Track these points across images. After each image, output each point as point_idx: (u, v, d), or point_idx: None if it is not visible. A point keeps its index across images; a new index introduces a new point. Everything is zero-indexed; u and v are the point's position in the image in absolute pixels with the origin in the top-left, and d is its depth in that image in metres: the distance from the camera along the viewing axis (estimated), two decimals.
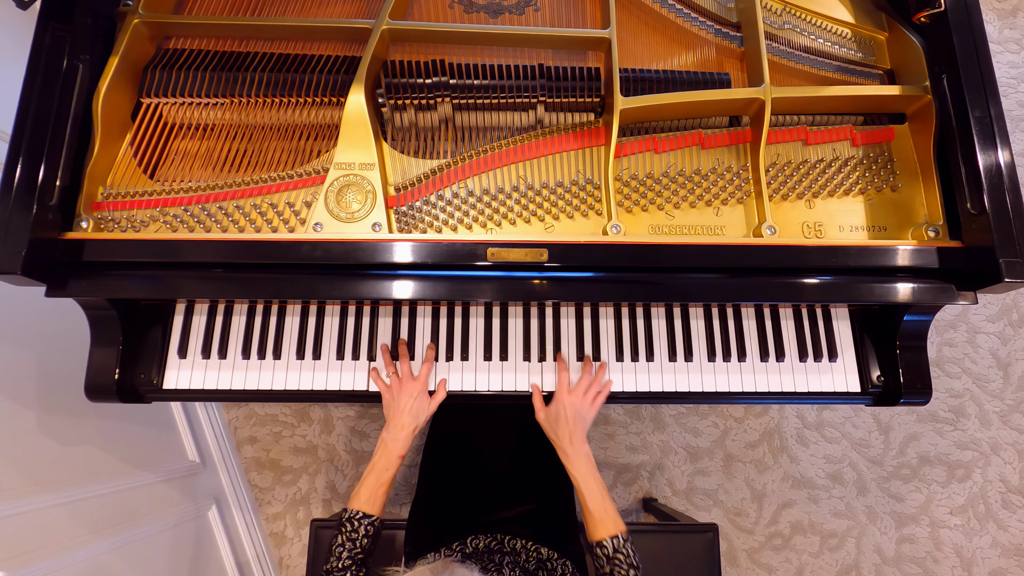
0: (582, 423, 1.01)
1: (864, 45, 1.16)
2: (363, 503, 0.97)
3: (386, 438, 1.02)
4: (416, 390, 1.03)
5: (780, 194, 1.06)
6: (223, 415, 1.87)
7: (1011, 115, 2.07)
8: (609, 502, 0.96)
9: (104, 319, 1.03)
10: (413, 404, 1.02)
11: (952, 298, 0.98)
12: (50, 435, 1.20)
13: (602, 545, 0.92)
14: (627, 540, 0.92)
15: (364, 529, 0.95)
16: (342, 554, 0.93)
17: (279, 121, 1.07)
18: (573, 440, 0.99)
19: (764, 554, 1.87)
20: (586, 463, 0.99)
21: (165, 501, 1.52)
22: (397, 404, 1.02)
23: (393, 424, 1.02)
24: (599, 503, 0.95)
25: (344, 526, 0.95)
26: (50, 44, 0.94)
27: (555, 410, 1.02)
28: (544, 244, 0.97)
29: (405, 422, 1.01)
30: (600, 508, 0.95)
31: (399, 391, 1.03)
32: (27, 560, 1.07)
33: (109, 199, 1.00)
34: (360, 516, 0.96)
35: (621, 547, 0.92)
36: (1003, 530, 1.86)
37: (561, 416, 1.01)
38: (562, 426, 1.00)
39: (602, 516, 0.94)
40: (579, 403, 1.02)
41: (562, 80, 1.06)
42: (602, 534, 0.93)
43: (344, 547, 0.94)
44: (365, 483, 0.99)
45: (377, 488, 0.98)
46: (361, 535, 0.94)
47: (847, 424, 1.92)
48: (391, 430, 1.02)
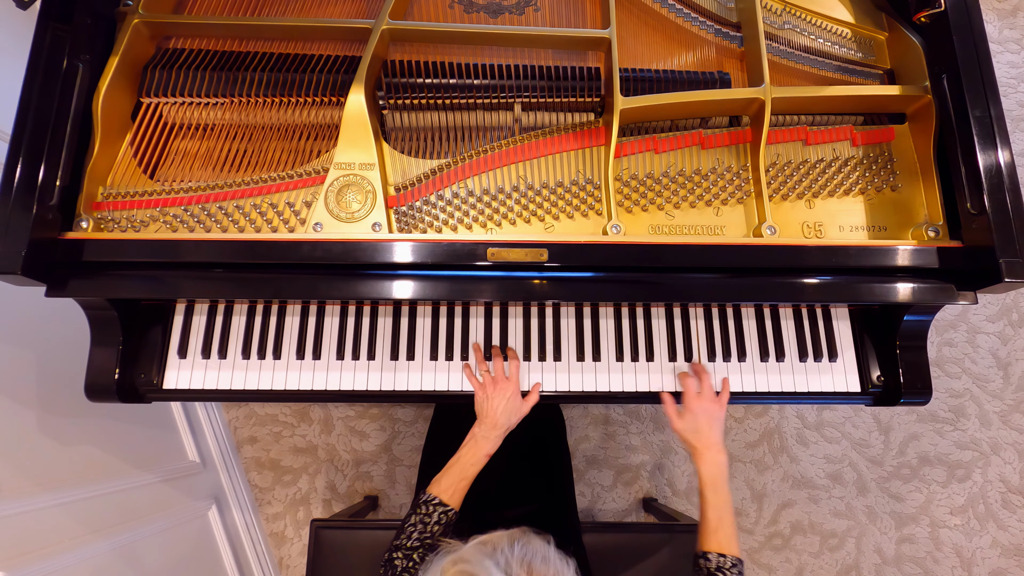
0: (718, 426, 1.01)
1: (864, 45, 1.16)
2: (442, 491, 0.96)
3: (477, 434, 1.01)
4: (510, 390, 1.03)
5: (780, 194, 1.06)
6: (223, 415, 1.87)
7: (1011, 115, 2.07)
8: (731, 519, 0.94)
9: (104, 319, 1.03)
10: (507, 404, 1.02)
11: (952, 298, 0.98)
12: (50, 435, 1.20)
13: (707, 557, 0.90)
14: (735, 566, 0.89)
15: (438, 516, 0.94)
16: (412, 534, 0.93)
17: (279, 121, 1.07)
18: (711, 447, 0.99)
19: (764, 554, 1.87)
20: (720, 471, 0.97)
21: (165, 501, 1.52)
22: (492, 404, 1.02)
23: (486, 423, 1.01)
24: (719, 514, 0.93)
25: (420, 508, 0.95)
26: (50, 44, 0.94)
27: (691, 419, 1.01)
28: (544, 244, 0.97)
29: (499, 422, 1.01)
30: (717, 519, 0.93)
31: (493, 391, 1.03)
32: (27, 560, 1.07)
33: (109, 199, 1.00)
34: (437, 502, 0.95)
35: (726, 568, 0.88)
36: (1003, 530, 1.86)
37: (697, 424, 1.00)
38: (701, 434, 1.00)
39: (716, 528, 0.92)
40: (710, 407, 1.02)
41: (562, 80, 1.06)
42: (712, 547, 0.90)
43: (416, 528, 0.93)
44: (448, 473, 0.98)
45: (459, 481, 0.98)
46: (434, 520, 0.94)
47: (847, 424, 1.92)
48: (483, 428, 1.01)
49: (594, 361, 1.10)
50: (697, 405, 1.02)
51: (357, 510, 1.72)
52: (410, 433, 1.88)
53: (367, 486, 1.87)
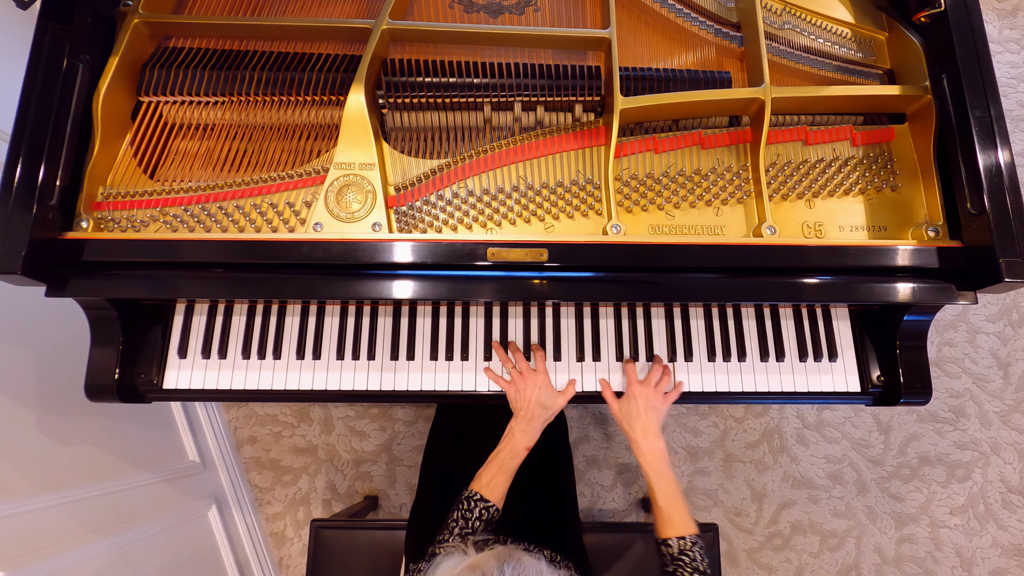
0: (656, 415, 1.01)
1: (864, 45, 1.16)
2: (483, 487, 0.97)
3: (515, 428, 1.01)
4: (539, 381, 1.03)
5: (780, 194, 1.06)
6: (223, 415, 1.87)
7: (1011, 115, 2.07)
8: (681, 501, 0.94)
9: (104, 319, 1.03)
10: (539, 394, 1.02)
11: (952, 298, 0.98)
12: (50, 435, 1.20)
13: (667, 543, 0.91)
14: (696, 543, 0.90)
15: (479, 512, 0.94)
16: (454, 529, 0.93)
17: (279, 121, 1.07)
18: (647, 433, 0.99)
19: (764, 554, 1.87)
20: (659, 458, 0.97)
21: (165, 501, 1.52)
22: (525, 396, 1.02)
23: (523, 415, 1.02)
24: (669, 500, 0.94)
25: (462, 503, 0.95)
26: (50, 44, 0.94)
27: (627, 403, 1.02)
28: (544, 244, 0.97)
29: (535, 413, 1.01)
30: (669, 505, 0.93)
31: (523, 384, 1.03)
32: (27, 560, 1.07)
33: (109, 199, 1.00)
34: (478, 498, 0.95)
35: (688, 549, 0.89)
36: (1003, 530, 1.86)
37: (634, 408, 1.01)
38: (635, 418, 1.00)
39: (671, 514, 0.92)
40: (650, 394, 1.02)
41: (562, 79, 1.06)
42: (669, 533, 0.91)
43: (457, 524, 0.93)
44: (488, 467, 0.99)
45: (499, 474, 0.98)
46: (475, 516, 0.94)
47: (847, 424, 1.92)
48: (520, 421, 1.01)
49: (594, 361, 1.10)
50: (638, 390, 1.02)
51: (357, 510, 1.72)
52: (410, 433, 1.88)
53: (367, 486, 1.87)
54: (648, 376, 1.05)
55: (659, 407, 1.02)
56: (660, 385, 1.04)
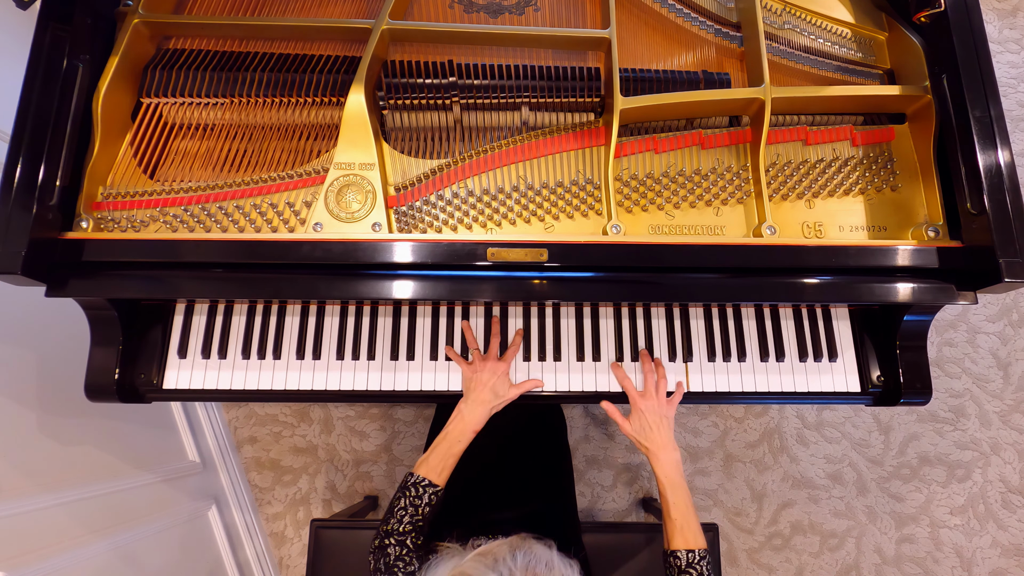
0: (667, 424, 1.00)
1: (864, 45, 1.16)
2: (430, 470, 0.96)
3: (463, 409, 1.01)
4: (500, 369, 1.03)
5: (780, 194, 1.06)
6: (223, 415, 1.87)
7: (1011, 115, 2.07)
8: (693, 514, 0.94)
9: (104, 319, 1.03)
10: (495, 381, 1.02)
11: (952, 298, 0.98)
12: (50, 435, 1.20)
13: (676, 555, 0.90)
14: (704, 558, 0.90)
15: (428, 497, 0.94)
16: (403, 517, 0.92)
17: (279, 121, 1.07)
18: (664, 446, 0.98)
19: (764, 554, 1.87)
20: (675, 469, 0.97)
21: (165, 501, 1.52)
22: (479, 378, 1.02)
23: (471, 398, 1.01)
24: (682, 512, 0.93)
25: (408, 490, 0.94)
26: (50, 44, 0.94)
27: (638, 421, 1.01)
28: (544, 244, 0.97)
29: (485, 398, 1.01)
30: (682, 517, 0.93)
31: (481, 367, 1.03)
32: (27, 560, 1.07)
33: (109, 199, 1.00)
34: (426, 483, 0.94)
35: (695, 563, 0.89)
36: (1003, 530, 1.86)
37: (645, 424, 1.00)
38: (651, 434, 0.99)
39: (682, 526, 0.92)
40: (655, 405, 1.01)
41: (562, 80, 1.06)
42: (679, 545, 0.91)
43: (407, 511, 0.92)
44: (436, 451, 0.98)
45: (447, 458, 0.97)
46: (424, 503, 0.93)
47: (847, 424, 1.92)
48: (469, 403, 1.01)
49: (594, 361, 1.10)
50: (643, 404, 1.02)
51: (357, 510, 1.72)
52: (410, 433, 1.88)
53: (367, 486, 1.87)
54: (646, 386, 1.04)
55: (668, 414, 1.02)
56: (661, 391, 1.04)
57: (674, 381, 1.09)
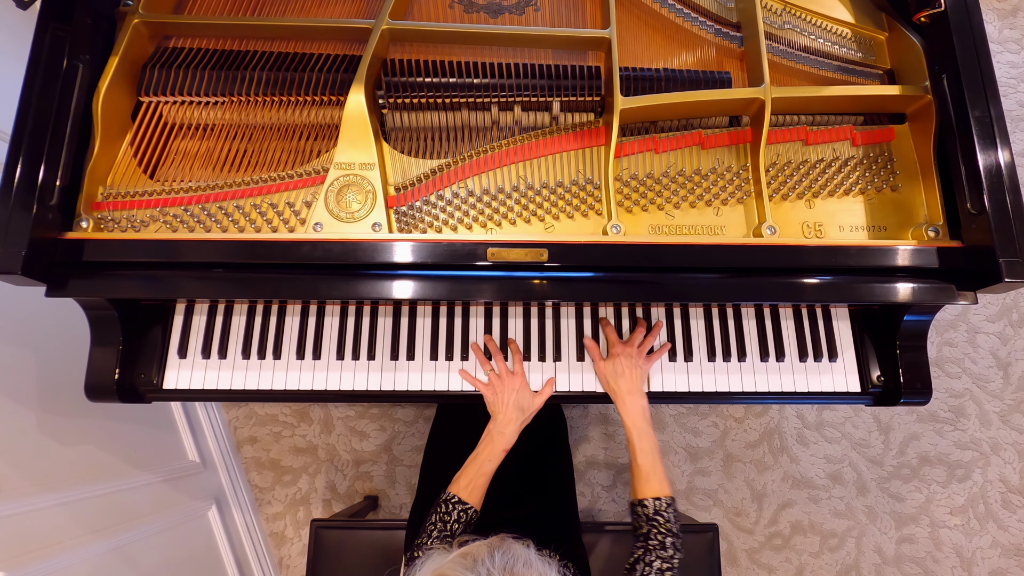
0: (640, 373, 1.03)
1: (864, 45, 1.16)
2: (461, 489, 0.97)
3: (492, 431, 1.02)
4: (517, 384, 1.04)
5: (780, 194, 1.06)
6: (223, 415, 1.87)
7: (1011, 115, 2.07)
8: (659, 461, 0.96)
9: (104, 319, 1.03)
10: (517, 397, 1.03)
11: (952, 298, 0.98)
12: (50, 435, 1.20)
13: (643, 504, 0.92)
14: (670, 505, 0.92)
15: (457, 515, 0.95)
16: (432, 532, 0.93)
17: (279, 121, 1.07)
18: (631, 390, 1.01)
19: (764, 554, 1.87)
20: (642, 417, 0.99)
21: (165, 501, 1.52)
22: (502, 399, 1.03)
23: (500, 419, 1.02)
24: (648, 459, 0.95)
25: (439, 507, 0.96)
26: (50, 44, 0.94)
27: (611, 362, 1.04)
28: (544, 244, 0.97)
29: (512, 416, 1.02)
30: (648, 464, 0.95)
31: (501, 387, 1.04)
32: (27, 560, 1.07)
33: (109, 199, 1.00)
34: (456, 500, 0.96)
35: (663, 510, 0.91)
36: (1003, 530, 1.86)
37: (618, 367, 1.03)
38: (619, 376, 1.02)
39: (648, 474, 0.94)
40: (633, 352, 1.04)
41: (562, 80, 1.06)
42: (645, 493, 0.93)
43: (436, 527, 0.94)
44: (466, 471, 0.99)
45: (477, 477, 0.98)
46: (453, 519, 0.94)
47: (847, 424, 1.92)
48: (498, 424, 1.02)
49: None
50: (621, 349, 1.05)
51: (357, 510, 1.72)
52: (410, 433, 1.88)
53: (367, 486, 1.87)
54: (631, 337, 1.08)
55: (643, 366, 1.04)
56: (644, 345, 1.07)
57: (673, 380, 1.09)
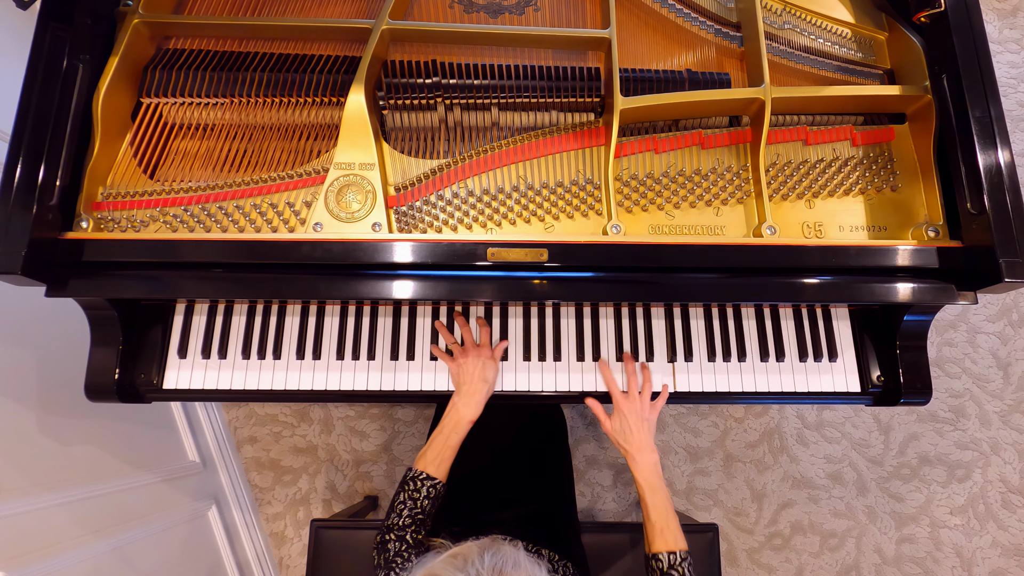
0: (648, 427, 1.00)
1: (864, 45, 1.16)
2: (428, 464, 0.96)
3: (458, 403, 1.01)
4: (483, 354, 1.04)
5: (780, 194, 1.06)
6: (223, 415, 1.87)
7: (1011, 115, 2.07)
8: (673, 515, 0.94)
9: (104, 319, 1.03)
10: (482, 368, 1.02)
11: (952, 298, 0.98)
12: (50, 435, 1.20)
13: (657, 558, 0.90)
14: (686, 560, 0.89)
15: (426, 491, 0.94)
16: (403, 511, 0.92)
17: (279, 121, 1.07)
18: (642, 448, 0.98)
19: (764, 554, 1.87)
20: (654, 473, 0.97)
21: (165, 501, 1.52)
22: (466, 370, 1.02)
23: (465, 390, 1.01)
24: (662, 514, 0.93)
25: (407, 484, 0.95)
26: (50, 44, 0.94)
27: (619, 422, 1.01)
28: (544, 244, 0.97)
29: (477, 387, 1.01)
30: (662, 520, 0.93)
31: (464, 359, 1.03)
32: (27, 560, 1.07)
33: (109, 199, 1.00)
34: (424, 476, 0.95)
35: (677, 564, 0.89)
36: (1003, 530, 1.86)
37: (626, 425, 1.00)
38: (630, 436, 0.99)
39: (663, 528, 0.92)
40: (638, 408, 1.01)
41: (562, 80, 1.06)
42: (660, 547, 0.91)
43: (406, 505, 0.93)
44: (433, 444, 0.98)
45: (443, 450, 0.97)
46: (423, 495, 0.94)
47: (847, 424, 1.92)
48: (463, 395, 1.01)
49: (594, 361, 1.10)
50: (626, 406, 1.02)
51: (357, 510, 1.72)
52: (410, 433, 1.88)
53: (367, 486, 1.87)
54: (630, 388, 1.04)
55: (649, 418, 1.02)
56: (645, 394, 1.03)
57: (673, 380, 1.09)
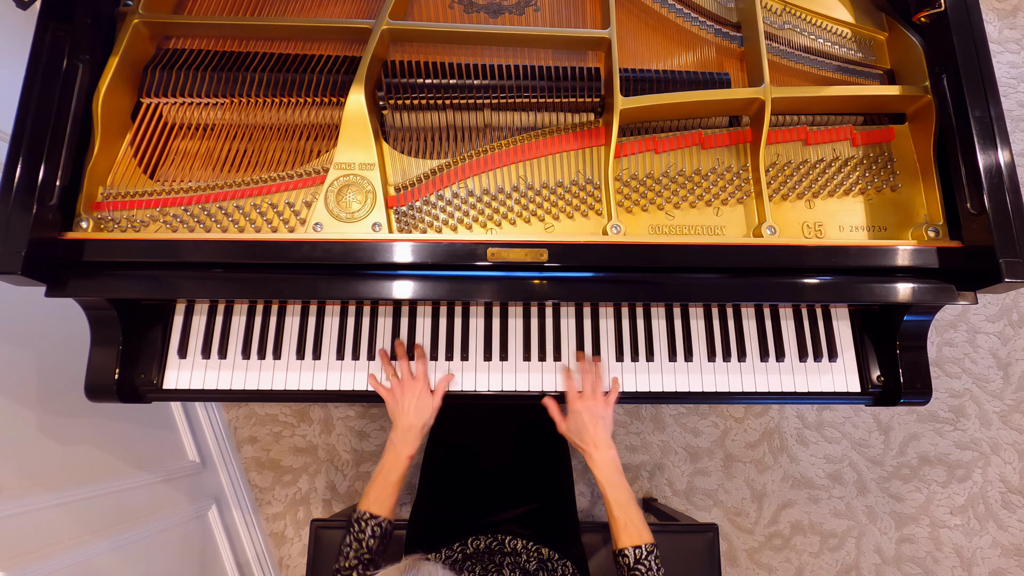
0: (604, 424, 1.00)
1: (864, 45, 1.16)
2: (371, 503, 0.97)
3: (394, 439, 1.02)
4: (418, 389, 1.03)
5: (780, 194, 1.06)
6: (223, 415, 1.87)
7: (1011, 115, 2.07)
8: (635, 509, 0.94)
9: (104, 319, 1.03)
10: (417, 404, 1.02)
11: (952, 298, 0.98)
12: (50, 435, 1.20)
13: (623, 554, 0.91)
14: (651, 552, 0.90)
15: (371, 530, 0.95)
16: (349, 554, 0.93)
17: (279, 121, 1.07)
18: (599, 445, 0.99)
19: (764, 554, 1.87)
20: (612, 468, 0.97)
21: (165, 501, 1.52)
22: (401, 406, 1.02)
23: (400, 425, 1.02)
24: (623, 509, 0.94)
25: (352, 526, 0.96)
26: (50, 44, 0.94)
27: (573, 420, 1.02)
28: (544, 244, 0.96)
29: (412, 422, 1.02)
30: (624, 515, 0.93)
31: (401, 393, 1.03)
32: (27, 560, 1.07)
33: (109, 199, 1.00)
34: (367, 517, 0.96)
35: (643, 558, 0.89)
36: (1003, 530, 1.86)
37: (581, 423, 1.00)
38: (585, 433, 1.00)
39: (626, 523, 0.92)
40: (592, 405, 1.01)
41: (562, 80, 1.06)
42: (625, 543, 0.91)
43: (351, 547, 0.94)
44: (374, 483, 0.99)
45: (385, 488, 0.98)
46: (367, 535, 0.94)
47: (847, 424, 1.92)
48: (399, 431, 1.02)
49: (592, 356, 1.10)
50: (580, 404, 1.01)
51: None
52: None
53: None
54: (583, 386, 1.04)
55: (604, 415, 1.01)
56: (597, 392, 1.03)
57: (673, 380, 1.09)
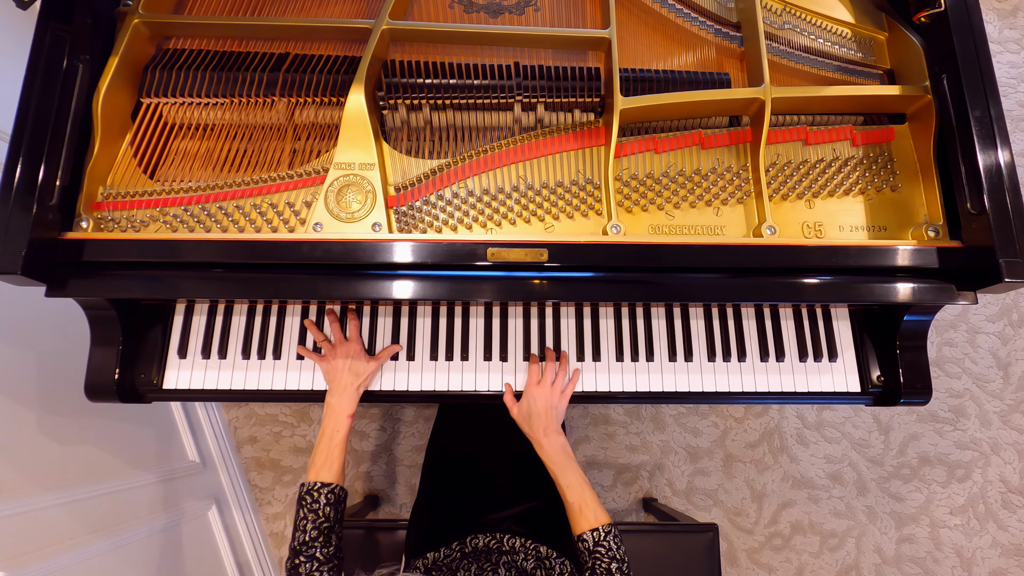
0: (555, 413, 1.02)
1: (864, 45, 1.16)
2: (319, 471, 0.96)
3: (331, 401, 1.02)
4: (352, 350, 1.05)
5: (780, 194, 1.06)
6: (223, 415, 1.87)
7: (1011, 115, 2.07)
8: (590, 493, 0.94)
9: (104, 319, 1.03)
10: (351, 364, 1.04)
11: (952, 298, 0.98)
12: (50, 435, 1.20)
13: (583, 539, 0.90)
14: (609, 532, 0.90)
15: (324, 498, 0.93)
16: (307, 527, 0.90)
17: (279, 121, 1.07)
18: (547, 432, 1.00)
19: (764, 554, 1.87)
20: (562, 454, 0.98)
21: (165, 501, 1.52)
22: (334, 365, 1.04)
23: (335, 386, 1.03)
24: (577, 493, 0.94)
25: (303, 500, 0.93)
26: (50, 44, 0.94)
27: (526, 404, 1.03)
28: (544, 244, 0.96)
29: (346, 382, 1.03)
30: (579, 499, 0.93)
31: (333, 355, 1.05)
32: (27, 560, 1.07)
33: (109, 199, 1.00)
34: (318, 486, 0.94)
35: (602, 540, 0.89)
36: (1003, 530, 1.86)
37: (533, 409, 1.02)
38: (535, 419, 1.01)
39: (581, 507, 0.92)
40: (548, 394, 1.03)
41: (562, 80, 1.06)
42: (583, 527, 0.91)
43: (308, 519, 0.91)
44: (319, 449, 0.98)
45: (331, 451, 0.97)
46: (322, 504, 0.92)
47: (847, 424, 1.92)
48: (334, 392, 1.03)
49: (594, 361, 1.10)
50: (536, 391, 1.03)
51: (357, 510, 1.72)
52: (410, 433, 1.88)
53: (367, 486, 1.87)
54: (544, 376, 1.06)
55: (557, 405, 1.03)
56: (556, 383, 1.05)
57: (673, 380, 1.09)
